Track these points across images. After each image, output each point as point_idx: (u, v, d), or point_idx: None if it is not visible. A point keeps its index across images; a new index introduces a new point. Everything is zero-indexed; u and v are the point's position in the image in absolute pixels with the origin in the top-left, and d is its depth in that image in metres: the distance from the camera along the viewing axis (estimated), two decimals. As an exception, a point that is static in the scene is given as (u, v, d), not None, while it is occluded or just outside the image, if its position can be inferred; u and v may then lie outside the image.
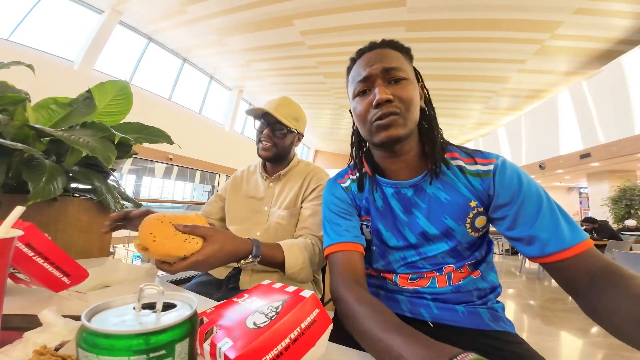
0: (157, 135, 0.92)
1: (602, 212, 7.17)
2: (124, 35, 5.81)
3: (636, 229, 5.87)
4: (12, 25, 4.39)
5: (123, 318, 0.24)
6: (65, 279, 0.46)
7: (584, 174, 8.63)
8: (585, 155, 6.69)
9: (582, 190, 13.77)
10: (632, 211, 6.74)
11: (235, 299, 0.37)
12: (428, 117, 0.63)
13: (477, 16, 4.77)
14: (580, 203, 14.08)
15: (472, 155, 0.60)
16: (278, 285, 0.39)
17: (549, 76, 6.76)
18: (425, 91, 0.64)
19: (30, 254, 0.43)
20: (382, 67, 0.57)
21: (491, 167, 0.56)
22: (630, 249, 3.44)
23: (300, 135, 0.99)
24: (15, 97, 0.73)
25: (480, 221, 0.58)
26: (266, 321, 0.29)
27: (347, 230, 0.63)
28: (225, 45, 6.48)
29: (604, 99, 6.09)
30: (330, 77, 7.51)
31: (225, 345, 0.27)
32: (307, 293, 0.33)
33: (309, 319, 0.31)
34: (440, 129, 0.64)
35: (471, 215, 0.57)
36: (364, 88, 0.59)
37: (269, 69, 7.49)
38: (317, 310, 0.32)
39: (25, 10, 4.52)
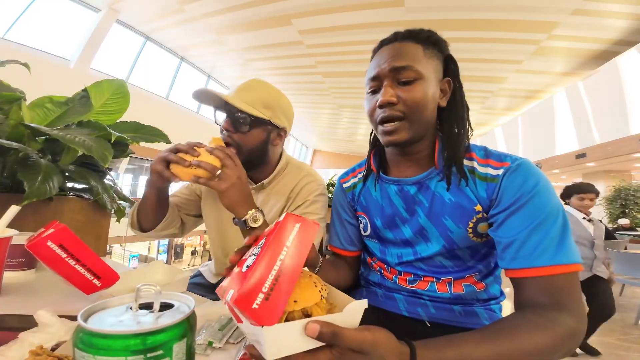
0: (154, 134, 0.91)
1: (598, 212, 7.21)
2: (121, 33, 5.77)
3: (631, 228, 5.92)
4: (7, 24, 4.35)
5: (120, 318, 0.24)
6: (96, 282, 0.46)
7: (580, 174, 8.69)
8: (581, 156, 6.74)
9: (578, 190, 13.87)
10: (626, 211, 6.79)
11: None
12: (452, 116, 0.58)
13: (474, 16, 4.79)
14: (576, 203, 14.19)
15: (489, 156, 0.55)
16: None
17: (546, 76, 6.80)
18: (455, 86, 0.59)
19: (63, 255, 0.43)
20: (390, 66, 0.54)
21: (501, 171, 0.51)
22: (625, 249, 3.46)
23: (280, 130, 0.75)
24: (11, 95, 0.72)
25: (483, 227, 0.55)
26: (254, 258, 0.30)
27: (337, 236, 0.73)
28: (223, 44, 6.45)
29: (600, 99, 6.13)
30: (328, 76, 7.50)
31: (229, 296, 0.28)
32: (283, 216, 0.34)
33: (291, 236, 0.32)
34: (469, 129, 0.58)
35: (474, 220, 0.55)
36: (374, 87, 0.58)
37: (267, 68, 7.46)
38: (297, 224, 0.33)
39: (21, 8, 4.48)
